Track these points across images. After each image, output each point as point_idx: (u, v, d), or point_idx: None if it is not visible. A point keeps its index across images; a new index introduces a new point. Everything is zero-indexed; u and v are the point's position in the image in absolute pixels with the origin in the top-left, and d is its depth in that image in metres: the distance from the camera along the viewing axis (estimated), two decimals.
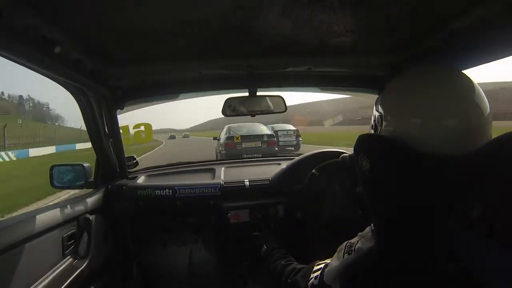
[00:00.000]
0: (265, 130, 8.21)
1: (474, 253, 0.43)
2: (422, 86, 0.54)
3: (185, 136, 47.67)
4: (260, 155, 1.92)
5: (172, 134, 51.75)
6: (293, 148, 10.96)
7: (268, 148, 7.35)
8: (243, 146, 7.28)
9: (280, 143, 10.05)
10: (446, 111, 0.50)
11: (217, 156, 7.77)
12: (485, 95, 0.52)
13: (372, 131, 0.63)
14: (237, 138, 7.37)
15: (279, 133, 10.88)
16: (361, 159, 0.54)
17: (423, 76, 0.56)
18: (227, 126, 8.28)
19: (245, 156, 4.63)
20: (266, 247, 1.08)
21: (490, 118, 0.52)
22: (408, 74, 0.58)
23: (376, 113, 0.61)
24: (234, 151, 7.10)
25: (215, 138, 8.78)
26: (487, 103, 0.52)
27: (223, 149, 7.36)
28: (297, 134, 11.51)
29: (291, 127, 12.23)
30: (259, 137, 7.53)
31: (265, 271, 0.98)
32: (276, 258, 0.94)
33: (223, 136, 7.84)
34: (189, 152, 14.56)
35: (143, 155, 14.24)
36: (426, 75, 0.56)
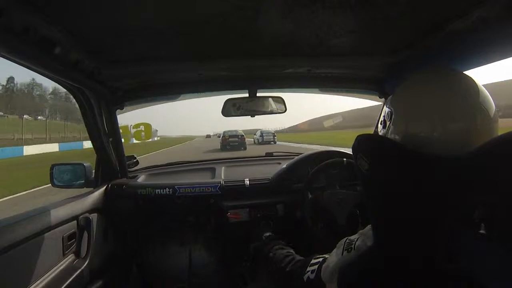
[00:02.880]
0: (240, 132, 17.44)
1: (474, 253, 0.43)
2: (430, 89, 0.54)
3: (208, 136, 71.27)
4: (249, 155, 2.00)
5: (208, 134, 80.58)
6: (272, 142, 20.86)
7: (241, 141, 16.59)
8: (229, 140, 16.74)
9: (265, 139, 21.13)
10: (453, 114, 0.51)
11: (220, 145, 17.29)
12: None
13: (381, 126, 0.64)
14: (226, 137, 17.10)
15: (264, 134, 21.72)
16: (360, 159, 0.54)
17: (430, 79, 0.56)
18: (223, 131, 18.47)
19: (230, 145, 16.08)
20: (266, 235, 1.07)
21: (496, 118, 0.52)
22: (415, 76, 0.59)
23: (386, 110, 0.61)
24: (225, 142, 16.67)
25: (218, 136, 21.22)
26: (493, 104, 0.52)
27: (221, 141, 17.54)
28: (274, 134, 22.01)
29: (272, 131, 23.45)
30: (237, 136, 16.99)
31: (263, 257, 0.96)
32: (277, 248, 0.93)
33: (221, 136, 18.36)
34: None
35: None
36: (433, 78, 0.56)
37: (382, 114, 0.63)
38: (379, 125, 0.66)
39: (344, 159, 1.27)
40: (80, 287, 1.01)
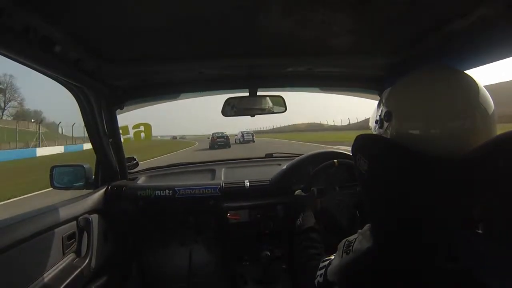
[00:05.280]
0: (226, 134, 21.43)
1: (474, 253, 0.43)
2: (428, 88, 0.54)
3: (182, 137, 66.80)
4: (257, 158, 2.00)
5: (174, 136, 70.04)
6: (252, 141, 24.23)
7: (226, 141, 20.31)
8: (217, 140, 20.30)
9: (245, 139, 24.44)
10: (452, 113, 0.50)
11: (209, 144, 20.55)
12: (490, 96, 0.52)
13: (377, 126, 0.62)
14: (215, 137, 20.84)
15: (245, 134, 25.13)
16: (359, 159, 0.54)
17: (429, 78, 0.56)
18: (212, 132, 22.48)
19: (217, 144, 20.14)
20: (301, 221, 1.00)
21: (494, 118, 0.52)
22: (415, 74, 0.58)
23: (383, 108, 0.60)
24: (214, 142, 20.27)
25: (208, 138, 23.30)
26: (492, 103, 0.52)
27: (210, 141, 21.16)
28: (252, 134, 25.81)
29: (251, 132, 26.68)
30: (223, 137, 20.76)
31: (297, 247, 0.93)
32: (306, 246, 0.89)
33: (210, 136, 22.22)
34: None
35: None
36: (432, 76, 0.56)
37: (378, 113, 0.62)
38: (373, 124, 0.64)
39: (335, 160, 1.23)
40: (80, 286, 1.01)
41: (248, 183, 1.38)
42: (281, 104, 1.34)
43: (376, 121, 0.62)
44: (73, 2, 0.64)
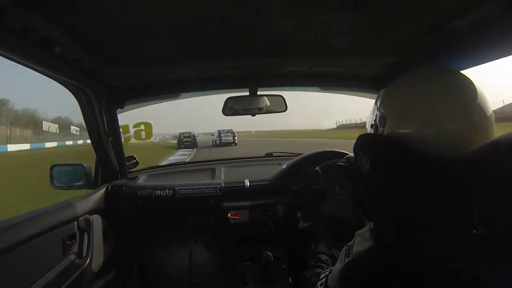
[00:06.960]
0: (193, 133, 22.56)
1: (474, 253, 0.43)
2: (425, 88, 0.53)
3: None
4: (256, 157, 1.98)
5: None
6: (232, 144, 20.46)
7: (193, 141, 21.35)
8: (183, 140, 21.31)
9: (223, 140, 20.46)
10: (449, 113, 0.50)
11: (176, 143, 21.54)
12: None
13: (372, 130, 0.62)
14: (181, 137, 21.98)
15: (222, 134, 21.03)
16: (361, 159, 0.55)
17: (426, 78, 0.55)
18: (179, 132, 23.99)
19: (184, 144, 20.85)
20: (314, 245, 1.02)
21: (492, 119, 0.51)
22: (410, 75, 0.58)
23: (377, 113, 0.60)
24: (180, 141, 21.33)
25: (177, 137, 23.76)
26: (490, 104, 0.52)
27: (177, 140, 22.39)
28: (233, 134, 21.24)
29: (231, 131, 21.82)
30: (190, 136, 21.89)
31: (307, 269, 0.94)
32: (314, 266, 0.90)
33: (178, 136, 23.48)
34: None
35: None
36: (429, 77, 0.55)
37: (373, 118, 0.62)
38: (369, 128, 0.64)
39: (317, 168, 1.19)
40: (80, 287, 1.01)
41: (248, 183, 1.37)
42: (281, 104, 1.35)
43: (371, 126, 0.62)
44: (73, 2, 0.64)
